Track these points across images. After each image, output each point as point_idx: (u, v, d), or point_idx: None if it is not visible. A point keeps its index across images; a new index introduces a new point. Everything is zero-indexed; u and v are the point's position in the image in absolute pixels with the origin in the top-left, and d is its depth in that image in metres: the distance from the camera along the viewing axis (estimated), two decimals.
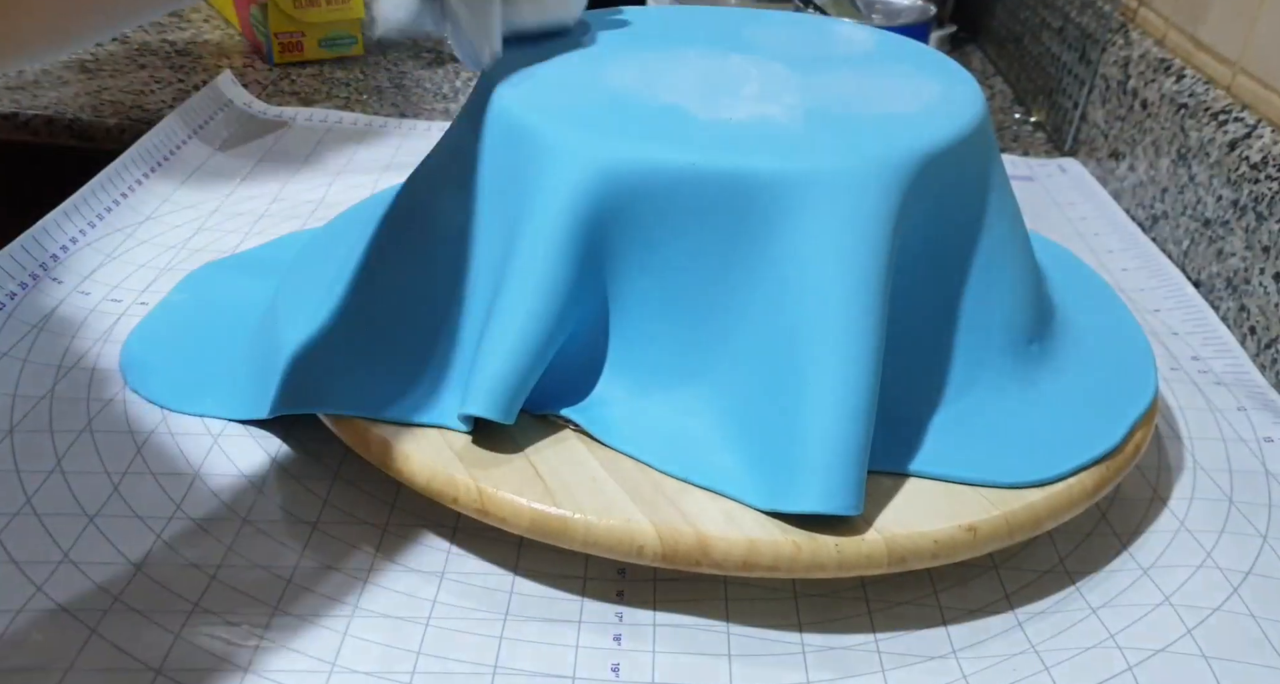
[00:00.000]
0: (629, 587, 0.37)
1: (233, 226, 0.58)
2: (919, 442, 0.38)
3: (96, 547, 0.36)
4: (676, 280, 0.37)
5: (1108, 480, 0.37)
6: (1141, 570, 0.38)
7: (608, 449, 0.37)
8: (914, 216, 0.37)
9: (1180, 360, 0.51)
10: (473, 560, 0.37)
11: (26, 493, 0.38)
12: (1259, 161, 0.53)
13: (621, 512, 0.34)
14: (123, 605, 0.34)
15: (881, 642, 0.35)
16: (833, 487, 0.33)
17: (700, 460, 0.36)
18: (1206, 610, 0.35)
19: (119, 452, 0.41)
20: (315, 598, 0.35)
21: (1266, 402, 0.47)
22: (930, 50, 0.46)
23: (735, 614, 0.36)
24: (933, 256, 0.39)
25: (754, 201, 0.36)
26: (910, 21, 0.77)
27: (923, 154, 0.37)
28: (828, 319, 0.35)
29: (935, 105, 0.40)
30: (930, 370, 0.39)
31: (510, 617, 0.35)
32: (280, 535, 0.38)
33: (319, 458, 0.41)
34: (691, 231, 0.37)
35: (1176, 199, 0.61)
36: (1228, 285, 0.55)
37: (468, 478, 0.36)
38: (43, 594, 0.34)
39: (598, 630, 0.35)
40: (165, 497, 0.39)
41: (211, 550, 0.37)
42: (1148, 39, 0.68)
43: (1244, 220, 0.53)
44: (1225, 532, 0.39)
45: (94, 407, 0.43)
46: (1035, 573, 0.38)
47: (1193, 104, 0.60)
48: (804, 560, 0.34)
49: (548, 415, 0.39)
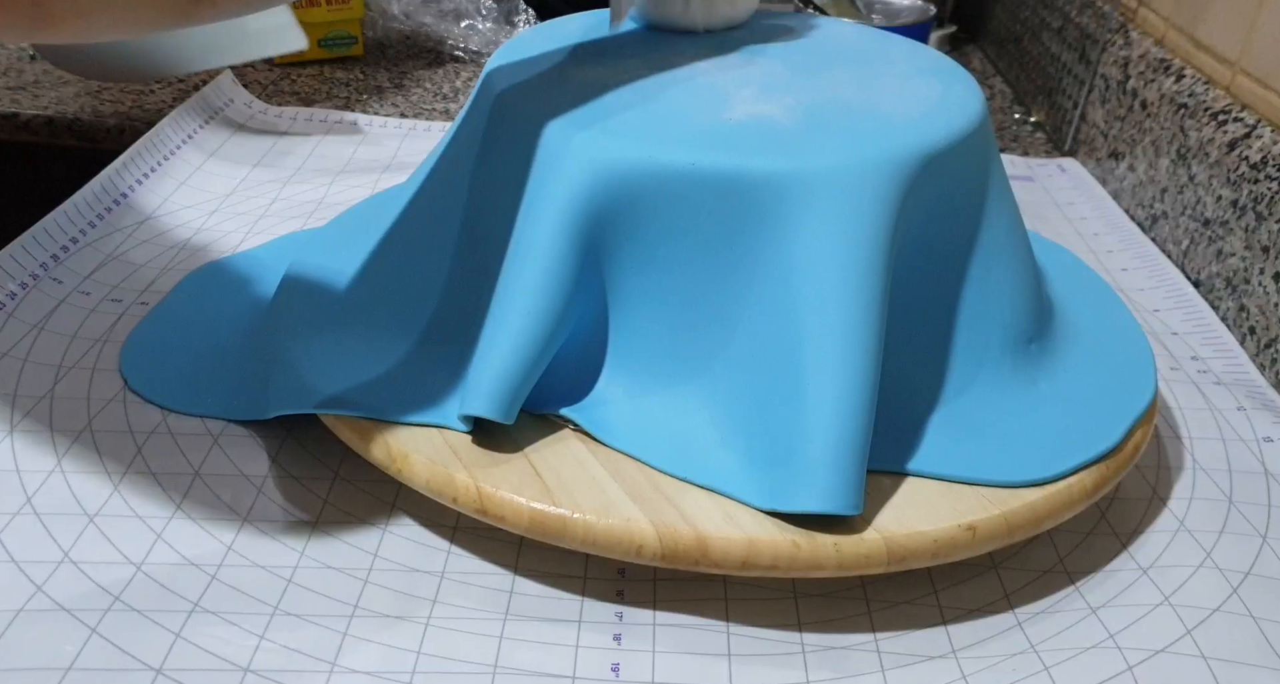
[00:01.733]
0: (629, 586, 0.37)
1: (233, 226, 0.58)
2: (918, 441, 0.38)
3: (97, 546, 0.36)
4: (676, 280, 0.37)
5: (1107, 480, 0.37)
6: (1141, 570, 0.38)
7: (607, 448, 0.37)
8: (913, 217, 0.37)
9: (1180, 360, 0.51)
10: (473, 560, 0.37)
11: (27, 493, 0.38)
12: (1258, 161, 0.53)
13: (621, 511, 0.34)
14: (123, 605, 0.34)
15: (881, 641, 0.35)
16: (832, 486, 0.33)
17: (700, 460, 0.36)
18: (1206, 611, 0.35)
19: (119, 451, 0.41)
20: (315, 598, 0.35)
21: (1266, 401, 0.47)
22: (930, 50, 0.46)
23: (735, 614, 0.36)
24: (932, 256, 0.39)
25: (753, 202, 0.36)
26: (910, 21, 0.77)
27: (922, 154, 0.37)
28: (827, 319, 0.35)
29: (934, 105, 0.40)
30: (930, 369, 0.39)
31: (510, 616, 0.35)
32: (280, 535, 0.38)
33: (319, 458, 0.41)
34: (691, 232, 0.37)
35: (1176, 199, 0.61)
36: (1227, 285, 0.55)
37: (467, 477, 0.36)
38: (43, 594, 0.34)
39: (598, 630, 0.35)
40: (165, 496, 0.39)
41: (212, 550, 0.37)
42: (1147, 39, 0.68)
43: (1243, 220, 0.53)
44: (1225, 532, 0.39)
45: (94, 406, 0.43)
46: (1035, 572, 0.38)
47: (1192, 104, 0.60)
48: (803, 560, 0.34)
49: (547, 414, 0.39)
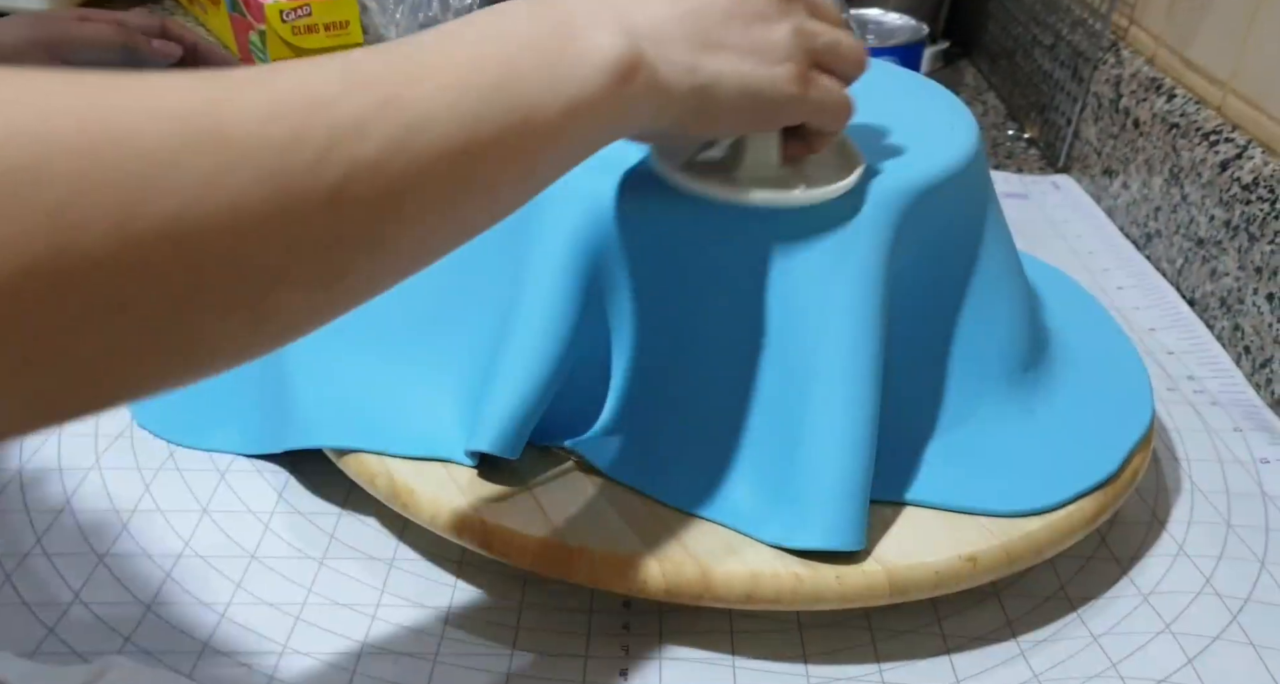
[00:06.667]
0: (635, 618, 0.37)
1: None
2: (919, 471, 0.38)
3: (106, 587, 0.37)
4: (676, 314, 0.38)
5: (1106, 507, 0.38)
6: (1142, 597, 0.38)
7: (611, 481, 0.38)
8: (909, 249, 0.38)
9: (1176, 380, 0.51)
10: (479, 594, 0.38)
11: (36, 533, 0.39)
12: (1250, 183, 0.53)
13: (625, 545, 0.35)
14: (134, 646, 0.34)
15: (886, 672, 0.35)
16: (836, 523, 0.33)
17: (703, 493, 0.37)
18: (1206, 639, 0.36)
19: (127, 489, 0.41)
20: (324, 635, 0.35)
21: (1262, 422, 0.48)
22: (925, 80, 0.47)
23: (740, 646, 0.36)
24: (928, 288, 0.39)
25: (750, 237, 0.36)
26: (904, 41, 0.78)
27: (917, 188, 0.37)
28: (825, 353, 0.35)
29: (929, 138, 0.40)
30: (929, 400, 0.39)
31: (517, 651, 0.36)
32: (288, 572, 0.38)
33: (325, 493, 0.42)
34: (690, 267, 0.37)
35: (1170, 218, 0.61)
36: (1221, 305, 0.55)
37: (472, 512, 0.36)
38: (55, 637, 0.34)
39: (605, 664, 0.35)
40: (174, 534, 0.39)
41: (220, 588, 0.37)
42: (1139, 58, 0.69)
43: (1236, 241, 0.54)
44: (1224, 557, 0.40)
45: (102, 443, 0.43)
46: (1037, 599, 0.38)
47: (1184, 124, 0.60)
48: (806, 593, 0.34)
49: (551, 447, 0.39)
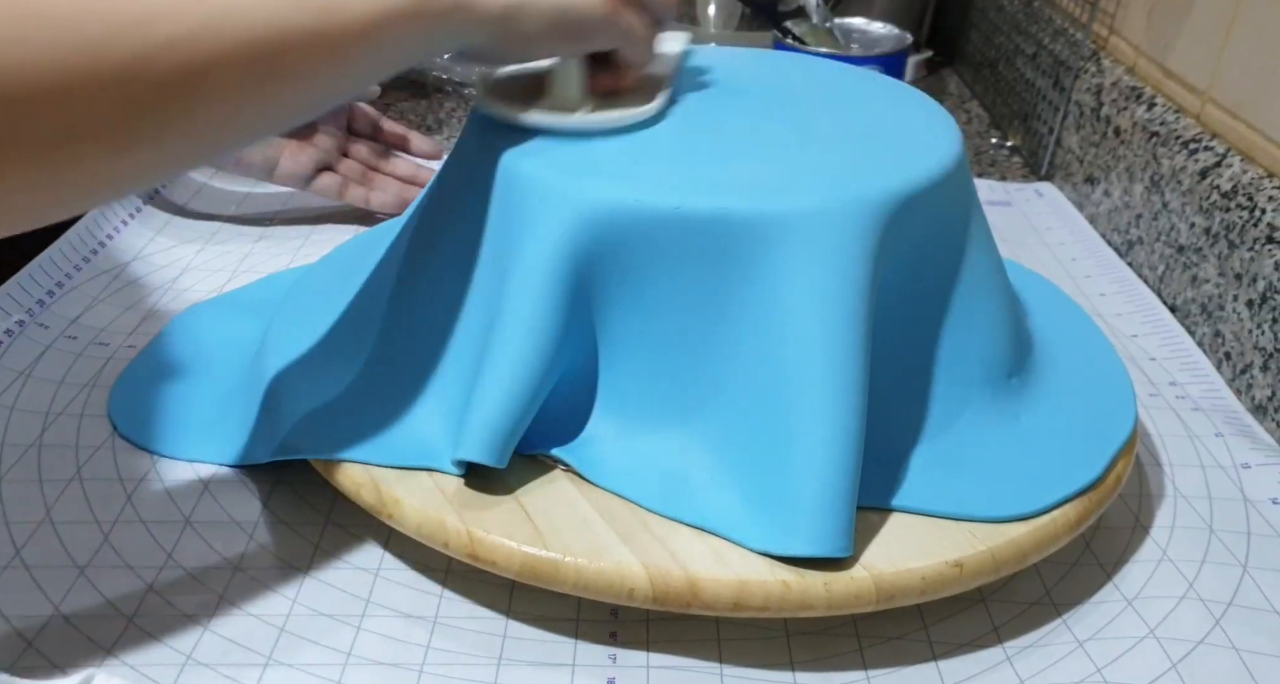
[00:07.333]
0: (622, 627, 0.37)
1: (219, 265, 0.58)
2: (905, 477, 0.38)
3: (88, 599, 0.36)
4: (663, 321, 0.38)
5: (1090, 512, 0.38)
6: (1126, 602, 0.38)
7: (598, 489, 0.38)
8: (893, 256, 0.38)
9: (1159, 386, 0.52)
10: (465, 604, 0.38)
11: (16, 545, 0.38)
12: (1229, 190, 0.54)
13: (612, 554, 0.35)
14: (115, 660, 0.34)
15: (873, 679, 0.35)
16: (824, 530, 0.34)
17: (690, 500, 0.37)
18: (1190, 644, 0.36)
19: (109, 500, 0.41)
20: (308, 646, 0.35)
21: (1243, 427, 0.48)
22: (908, 88, 0.47)
23: (728, 654, 0.36)
24: (913, 295, 0.39)
25: (736, 243, 0.36)
26: (888, 51, 0.78)
27: (901, 194, 0.37)
28: (811, 360, 0.35)
29: (913, 144, 0.41)
30: (914, 407, 0.40)
31: (504, 661, 0.35)
32: (272, 583, 0.38)
33: (310, 503, 0.41)
34: (677, 273, 0.37)
35: (1151, 225, 0.62)
36: (1202, 311, 0.56)
37: (458, 522, 0.36)
38: (34, 650, 0.34)
39: (592, 674, 0.35)
40: (156, 545, 0.39)
41: (204, 600, 0.37)
42: (1119, 67, 0.70)
43: (1216, 247, 0.54)
44: (1206, 561, 0.40)
45: (83, 454, 0.43)
46: (1022, 604, 0.39)
47: (1164, 132, 0.61)
48: (793, 600, 0.34)
49: (537, 455, 0.39)
